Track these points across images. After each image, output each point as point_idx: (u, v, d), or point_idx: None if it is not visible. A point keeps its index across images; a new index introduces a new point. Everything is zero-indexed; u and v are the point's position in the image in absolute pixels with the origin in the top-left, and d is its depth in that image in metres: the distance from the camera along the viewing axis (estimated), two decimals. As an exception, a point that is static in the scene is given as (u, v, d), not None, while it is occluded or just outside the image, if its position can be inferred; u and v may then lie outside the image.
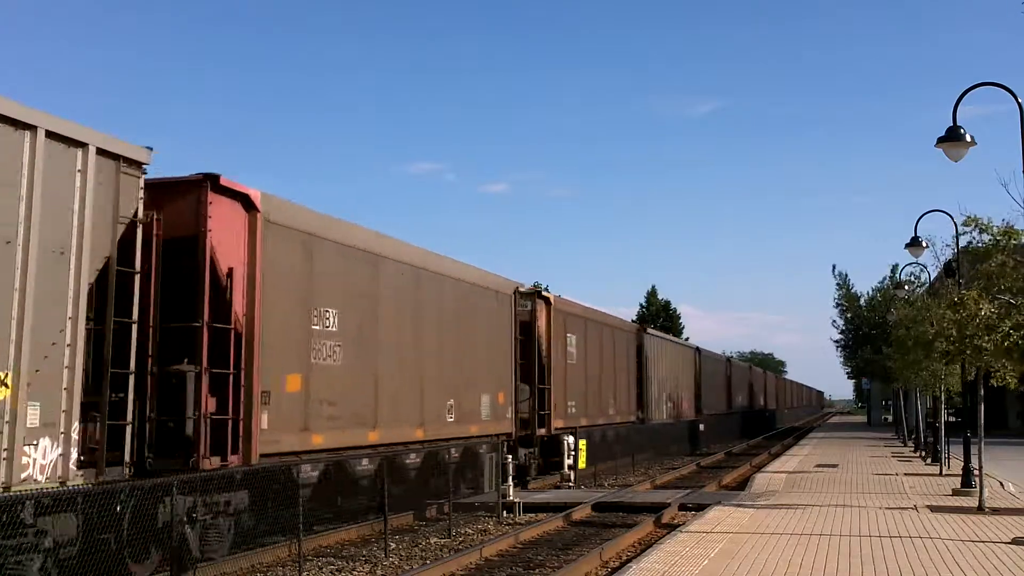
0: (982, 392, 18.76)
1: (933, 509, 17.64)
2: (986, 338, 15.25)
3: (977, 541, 13.80)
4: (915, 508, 17.78)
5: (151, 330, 11.45)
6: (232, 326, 12.35)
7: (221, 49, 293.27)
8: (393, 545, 14.81)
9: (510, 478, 19.97)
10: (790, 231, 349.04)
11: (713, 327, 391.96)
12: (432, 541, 15.68)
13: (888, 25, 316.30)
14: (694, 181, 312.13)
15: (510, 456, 20.70)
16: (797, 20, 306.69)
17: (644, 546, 14.68)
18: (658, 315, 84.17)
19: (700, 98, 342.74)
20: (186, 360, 11.85)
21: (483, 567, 13.48)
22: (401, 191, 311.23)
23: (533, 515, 18.69)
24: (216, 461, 11.95)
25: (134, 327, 10.97)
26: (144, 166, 11.33)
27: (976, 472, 19.06)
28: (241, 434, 12.40)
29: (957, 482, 21.16)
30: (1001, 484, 22.46)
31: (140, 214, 11.22)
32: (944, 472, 25.69)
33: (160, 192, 11.78)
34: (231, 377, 12.25)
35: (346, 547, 14.94)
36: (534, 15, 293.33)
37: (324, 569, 13.18)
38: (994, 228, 15.43)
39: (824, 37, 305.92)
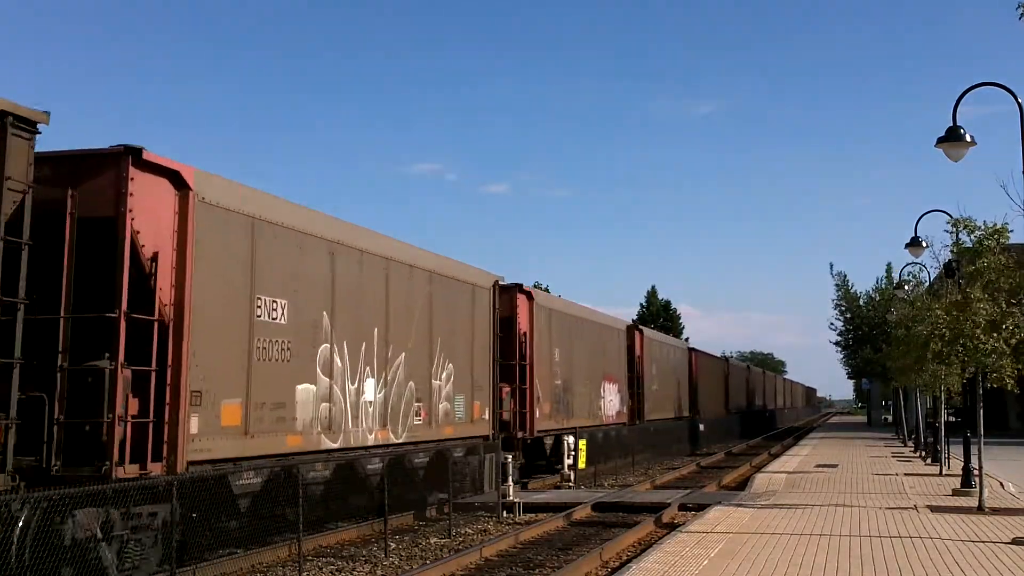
0: (981, 392, 18.76)
1: (933, 509, 17.63)
2: (990, 336, 15.24)
3: (977, 541, 13.80)
4: (915, 508, 17.77)
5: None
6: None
7: (221, 49, 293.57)
8: (393, 545, 14.82)
9: (510, 478, 19.95)
10: (790, 231, 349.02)
11: (713, 327, 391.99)
12: (432, 541, 15.69)
13: (888, 25, 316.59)
14: (694, 181, 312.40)
15: (510, 456, 20.65)
16: (798, 20, 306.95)
17: (644, 546, 14.68)
18: (658, 315, 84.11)
19: (701, 99, 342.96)
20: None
21: (483, 567, 13.48)
22: (401, 191, 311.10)
23: (533, 515, 18.69)
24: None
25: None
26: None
27: (976, 472, 19.05)
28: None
29: (957, 482, 21.15)
30: (1001, 484, 22.45)
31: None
32: (944, 472, 25.69)
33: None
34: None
35: (346, 547, 14.95)
36: (535, 15, 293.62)
37: (324, 569, 13.18)
38: (979, 229, 15.51)
39: (824, 37, 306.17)
